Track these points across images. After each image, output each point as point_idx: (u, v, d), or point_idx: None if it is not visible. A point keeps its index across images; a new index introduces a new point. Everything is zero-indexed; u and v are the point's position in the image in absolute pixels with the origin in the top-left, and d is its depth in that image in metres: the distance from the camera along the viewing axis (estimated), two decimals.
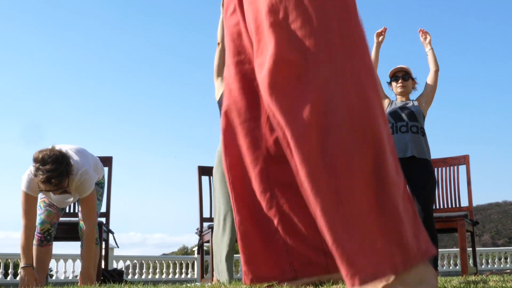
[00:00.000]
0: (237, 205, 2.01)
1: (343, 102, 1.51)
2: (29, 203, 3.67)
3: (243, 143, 1.99)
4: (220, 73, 4.41)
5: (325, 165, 1.46)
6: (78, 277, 3.77)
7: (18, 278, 12.62)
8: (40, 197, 3.89)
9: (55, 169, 3.42)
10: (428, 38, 4.93)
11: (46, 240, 3.86)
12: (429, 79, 4.88)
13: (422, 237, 1.58)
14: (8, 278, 12.74)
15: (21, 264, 3.70)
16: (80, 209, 3.96)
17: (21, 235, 3.66)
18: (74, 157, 3.73)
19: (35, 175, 3.46)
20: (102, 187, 4.14)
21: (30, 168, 3.58)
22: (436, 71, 4.88)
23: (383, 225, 1.49)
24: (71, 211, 4.73)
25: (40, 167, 3.43)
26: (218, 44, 4.38)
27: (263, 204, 1.96)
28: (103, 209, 4.87)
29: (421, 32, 4.98)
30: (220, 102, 4.29)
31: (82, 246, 3.91)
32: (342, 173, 1.48)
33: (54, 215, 3.87)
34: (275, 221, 1.94)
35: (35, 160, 3.47)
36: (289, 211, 1.94)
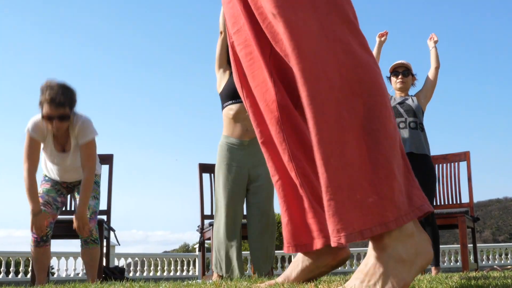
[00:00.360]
0: (273, 169, 2.06)
1: (333, 60, 1.54)
2: (33, 146, 3.74)
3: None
4: (222, 63, 4.35)
5: (323, 119, 1.49)
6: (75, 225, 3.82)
7: (19, 276, 12.65)
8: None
9: (62, 91, 3.67)
10: (435, 39, 4.95)
11: (42, 241, 3.81)
12: (430, 75, 4.88)
13: (415, 193, 1.57)
14: (10, 276, 12.74)
15: (30, 209, 3.74)
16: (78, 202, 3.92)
17: (25, 179, 3.70)
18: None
19: (42, 100, 3.66)
20: (98, 185, 4.12)
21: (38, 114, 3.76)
22: (437, 68, 4.88)
23: (375, 180, 1.48)
24: (71, 209, 4.70)
25: (48, 87, 3.65)
26: (221, 33, 4.31)
27: (288, 167, 1.99)
28: (103, 206, 4.87)
29: (432, 35, 5.00)
30: (222, 94, 4.27)
31: (82, 246, 3.91)
32: (332, 126, 1.49)
33: (49, 214, 3.83)
34: (298, 185, 1.97)
35: (44, 86, 3.68)
36: (307, 175, 1.96)
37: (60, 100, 3.64)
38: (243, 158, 4.17)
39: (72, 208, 4.74)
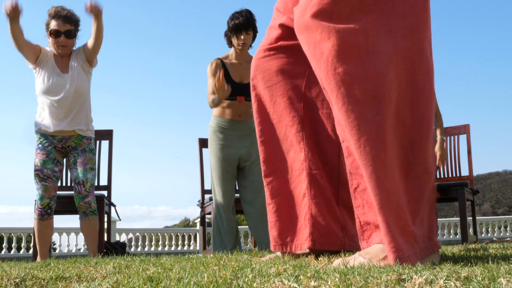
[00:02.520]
0: (269, 170, 2.07)
1: (395, 84, 1.59)
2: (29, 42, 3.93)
3: (280, 103, 2.05)
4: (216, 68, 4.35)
5: (375, 136, 1.53)
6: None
7: (21, 252, 12.74)
8: (34, 169, 3.88)
9: (68, 10, 3.97)
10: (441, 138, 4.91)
11: (47, 214, 3.88)
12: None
13: (434, 230, 1.66)
14: (12, 252, 12.83)
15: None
16: (75, 179, 3.93)
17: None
18: None
19: (48, 19, 3.94)
20: (94, 154, 4.05)
21: None
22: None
23: (410, 211, 1.57)
24: (69, 184, 4.71)
25: (55, 7, 3.97)
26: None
27: (297, 166, 2.00)
28: (104, 182, 4.90)
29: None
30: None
31: (81, 218, 3.93)
32: (387, 150, 1.54)
33: (51, 188, 3.88)
34: (305, 185, 1.98)
35: (51, 8, 3.99)
36: (318, 177, 1.97)
37: (67, 15, 3.93)
38: (234, 139, 4.27)
39: (70, 184, 4.75)
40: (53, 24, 3.92)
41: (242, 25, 4.15)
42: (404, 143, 1.60)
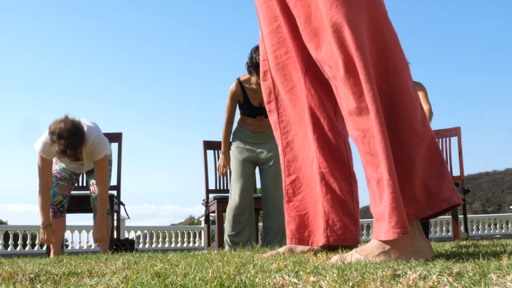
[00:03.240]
0: (292, 169, 2.08)
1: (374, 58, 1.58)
2: (45, 165, 3.75)
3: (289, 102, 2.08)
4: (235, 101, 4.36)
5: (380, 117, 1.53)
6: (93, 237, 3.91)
7: (35, 248, 12.75)
8: (53, 171, 3.91)
9: (70, 143, 3.51)
10: None
11: (59, 212, 3.91)
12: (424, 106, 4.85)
13: (446, 185, 1.61)
14: (26, 248, 12.84)
15: (41, 222, 3.80)
16: (91, 180, 3.98)
17: (38, 195, 3.74)
18: (87, 123, 3.77)
19: (51, 145, 3.57)
20: (111, 164, 4.15)
21: (46, 134, 3.66)
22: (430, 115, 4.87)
23: (401, 177, 1.55)
24: (83, 185, 4.76)
25: (56, 140, 3.51)
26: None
27: (315, 165, 2.01)
28: (114, 182, 4.90)
29: None
30: (242, 108, 4.31)
31: (94, 217, 3.95)
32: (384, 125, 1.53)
33: (65, 188, 3.91)
34: (319, 184, 1.99)
35: (51, 132, 3.55)
36: (328, 175, 1.97)
37: (71, 153, 3.57)
38: (253, 145, 4.34)
39: (83, 184, 4.77)
40: (58, 155, 3.64)
41: None
42: (388, 113, 1.59)
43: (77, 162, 3.86)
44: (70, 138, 3.52)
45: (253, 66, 4.07)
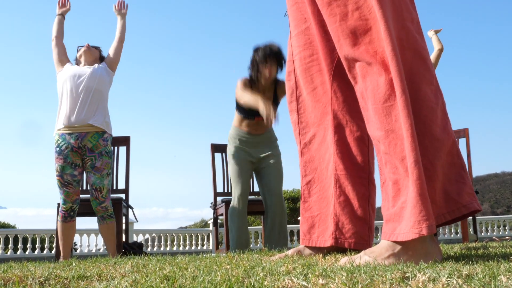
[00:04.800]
0: (308, 170, 2.09)
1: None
2: (63, 55, 4.27)
3: (313, 107, 2.08)
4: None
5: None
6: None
7: (44, 252, 12.78)
8: (56, 174, 3.90)
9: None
10: (433, 31, 4.90)
11: (69, 217, 3.92)
12: (432, 57, 4.82)
13: (466, 191, 1.61)
14: (36, 252, 12.88)
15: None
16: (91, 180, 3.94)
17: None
18: None
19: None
20: (110, 157, 4.02)
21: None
22: (441, 50, 4.82)
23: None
24: (87, 188, 4.73)
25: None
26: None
27: (330, 168, 2.02)
28: (122, 185, 4.91)
29: (428, 32, 4.96)
30: (237, 104, 4.27)
31: (98, 221, 3.96)
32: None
33: (72, 194, 3.90)
34: (333, 187, 1.99)
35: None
36: (344, 178, 1.98)
37: (94, 46, 4.27)
38: (250, 146, 4.31)
39: (88, 188, 4.78)
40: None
41: (273, 53, 4.13)
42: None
43: (84, 67, 4.13)
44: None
45: (253, 65, 4.15)
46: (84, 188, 4.79)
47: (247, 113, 4.22)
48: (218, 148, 5.33)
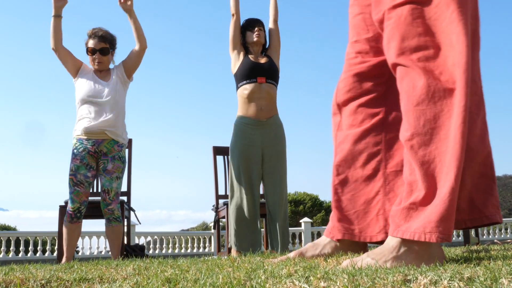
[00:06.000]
0: (341, 169, 2.09)
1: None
2: (68, 55, 4.15)
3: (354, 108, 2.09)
4: (235, 45, 4.31)
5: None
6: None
7: (46, 254, 12.80)
8: (69, 173, 3.92)
9: (105, 31, 4.18)
10: None
11: (76, 218, 3.94)
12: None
13: (492, 202, 1.64)
14: (37, 254, 12.89)
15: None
16: (103, 183, 3.96)
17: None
18: None
19: (87, 40, 4.16)
20: (124, 162, 4.07)
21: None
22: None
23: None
24: (95, 190, 4.79)
25: (93, 28, 4.19)
26: (233, 15, 4.29)
27: (371, 166, 2.02)
28: (124, 188, 4.91)
29: None
30: (236, 75, 4.25)
31: (106, 224, 3.96)
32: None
33: (82, 194, 3.92)
34: (379, 184, 2.00)
35: (90, 29, 4.19)
36: (393, 176, 1.99)
37: (103, 34, 4.13)
38: (257, 138, 4.17)
39: (95, 190, 4.79)
40: (90, 43, 4.12)
41: (255, 20, 4.38)
42: None
43: (103, 82, 4.06)
44: (104, 29, 4.19)
45: (244, 26, 4.38)
46: (95, 190, 4.81)
47: (248, 75, 4.18)
48: (220, 151, 5.33)
